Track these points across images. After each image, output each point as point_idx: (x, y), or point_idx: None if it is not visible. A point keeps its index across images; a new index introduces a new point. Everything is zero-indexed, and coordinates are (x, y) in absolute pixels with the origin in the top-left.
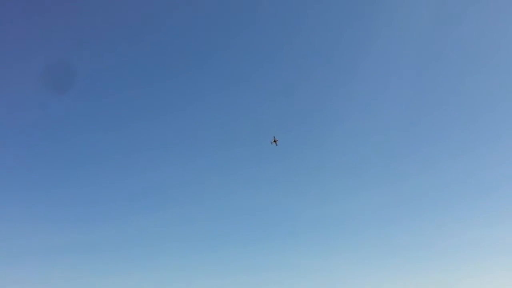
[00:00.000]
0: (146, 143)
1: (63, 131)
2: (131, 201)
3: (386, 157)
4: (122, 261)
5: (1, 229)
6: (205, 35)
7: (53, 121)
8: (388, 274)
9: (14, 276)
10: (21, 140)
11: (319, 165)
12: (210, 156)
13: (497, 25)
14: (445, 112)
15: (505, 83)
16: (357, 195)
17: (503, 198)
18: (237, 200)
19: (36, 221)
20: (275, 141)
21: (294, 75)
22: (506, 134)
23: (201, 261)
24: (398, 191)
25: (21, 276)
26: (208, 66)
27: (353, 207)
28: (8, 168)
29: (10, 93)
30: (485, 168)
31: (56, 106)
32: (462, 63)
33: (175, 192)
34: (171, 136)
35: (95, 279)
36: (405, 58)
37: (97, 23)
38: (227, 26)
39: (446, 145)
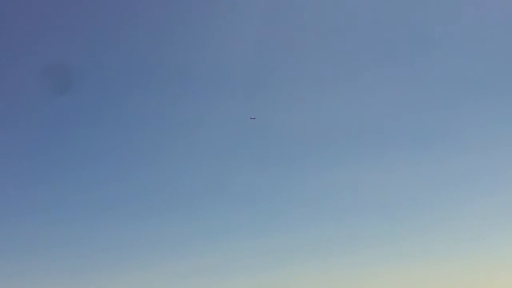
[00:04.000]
0: (146, 142)
1: (63, 131)
2: (131, 202)
3: None
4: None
5: (1, 232)
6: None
7: (52, 121)
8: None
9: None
10: (20, 140)
11: None
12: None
13: None
14: None
15: None
16: None
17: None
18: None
19: (36, 220)
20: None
21: None
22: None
23: None
24: None
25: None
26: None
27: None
28: (7, 168)
29: (9, 93)
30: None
31: (55, 106)
32: None
33: (175, 191)
34: (170, 134)
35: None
36: None
37: (97, 22)
38: None
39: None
